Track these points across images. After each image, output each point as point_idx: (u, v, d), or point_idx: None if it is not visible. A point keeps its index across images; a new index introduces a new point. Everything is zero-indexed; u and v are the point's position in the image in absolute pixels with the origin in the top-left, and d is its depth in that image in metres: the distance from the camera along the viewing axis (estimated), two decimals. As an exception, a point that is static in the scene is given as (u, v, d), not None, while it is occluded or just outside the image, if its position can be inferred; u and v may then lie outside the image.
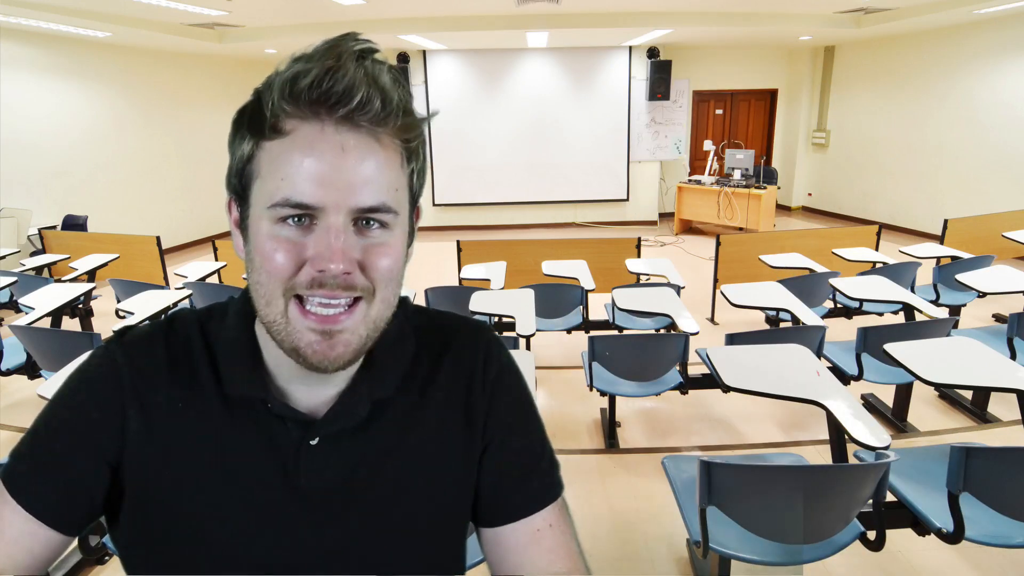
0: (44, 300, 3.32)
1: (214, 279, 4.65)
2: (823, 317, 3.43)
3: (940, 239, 5.14)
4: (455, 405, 0.62)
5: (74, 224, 6.26)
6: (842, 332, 3.60)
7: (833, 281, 3.37)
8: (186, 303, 3.41)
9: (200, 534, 0.55)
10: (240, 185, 0.52)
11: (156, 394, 0.56)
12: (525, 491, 0.63)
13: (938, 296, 3.70)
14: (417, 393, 0.61)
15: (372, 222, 0.50)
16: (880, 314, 3.77)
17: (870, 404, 3.25)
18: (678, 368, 2.73)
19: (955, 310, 3.75)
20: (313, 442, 0.56)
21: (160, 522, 0.55)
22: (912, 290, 3.69)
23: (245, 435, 0.56)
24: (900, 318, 3.47)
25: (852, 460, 1.88)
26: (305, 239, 0.48)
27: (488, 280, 3.79)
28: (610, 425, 3.01)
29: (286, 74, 0.47)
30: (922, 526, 1.67)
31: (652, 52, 8.21)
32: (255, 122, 0.49)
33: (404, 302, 0.66)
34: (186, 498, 0.55)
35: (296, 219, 0.48)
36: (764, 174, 7.72)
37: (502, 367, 0.66)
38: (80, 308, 4.14)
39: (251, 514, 0.55)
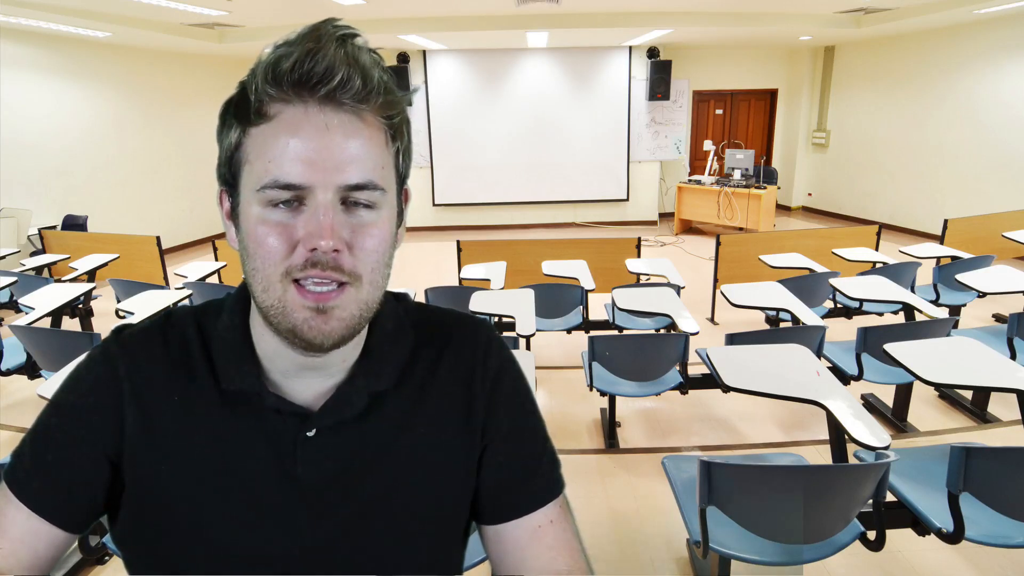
0: (44, 300, 3.32)
1: (214, 279, 4.65)
2: (823, 317, 3.43)
3: (940, 239, 5.14)
4: (455, 401, 0.62)
5: (74, 224, 6.26)
6: (842, 332, 3.60)
7: (833, 281, 3.37)
8: (186, 303, 3.41)
9: (197, 527, 0.55)
10: (230, 174, 0.52)
11: (153, 390, 0.57)
12: (527, 489, 0.63)
13: (938, 296, 3.70)
14: (416, 388, 0.61)
15: (360, 201, 0.50)
16: (880, 314, 3.77)
17: (870, 404, 3.25)
18: (678, 368, 2.73)
19: (955, 310, 3.74)
20: (310, 434, 0.56)
21: (158, 516, 0.55)
22: (912, 290, 3.69)
23: (242, 428, 0.56)
24: (900, 318, 3.47)
25: (852, 460, 1.88)
26: (295, 220, 0.49)
27: (488, 280, 3.79)
28: (610, 425, 3.01)
29: (268, 59, 0.48)
30: (922, 526, 1.67)
31: (652, 52, 8.21)
32: (241, 110, 0.50)
33: (404, 298, 0.66)
34: (184, 492, 0.55)
35: (285, 202, 0.49)
36: (764, 174, 7.72)
37: (503, 364, 0.65)
38: (80, 308, 4.14)
39: (248, 506, 0.55)
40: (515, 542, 0.62)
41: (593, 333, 2.81)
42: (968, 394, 3.23)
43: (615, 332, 3.45)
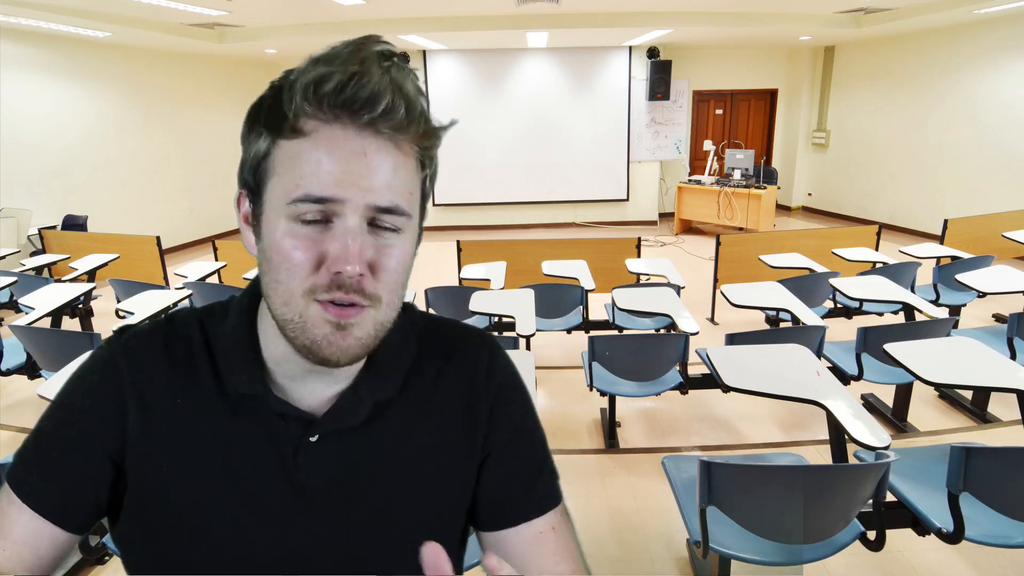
0: (44, 300, 3.32)
1: (214, 279, 4.65)
2: (823, 317, 3.43)
3: (940, 239, 5.14)
4: (457, 411, 0.63)
5: (74, 224, 6.26)
6: (842, 332, 3.60)
7: (833, 281, 3.37)
8: (186, 303, 3.40)
9: (198, 530, 0.55)
10: (254, 181, 0.52)
11: (156, 391, 0.57)
12: (527, 498, 0.64)
13: (938, 296, 3.70)
14: (419, 398, 0.61)
15: (386, 225, 0.50)
16: (880, 314, 3.77)
17: (870, 404, 3.25)
18: (678, 368, 2.73)
19: (955, 310, 3.74)
20: (313, 439, 0.56)
21: (159, 518, 0.56)
22: (912, 290, 3.69)
23: (245, 432, 0.56)
24: (900, 318, 3.47)
25: (852, 460, 1.88)
26: (322, 237, 0.49)
27: (488, 280, 3.79)
28: (610, 425, 3.01)
29: (309, 76, 0.47)
30: (922, 526, 1.67)
31: (652, 52, 8.21)
32: (272, 119, 0.49)
33: (408, 307, 0.66)
34: (185, 494, 0.55)
35: (313, 219, 0.49)
36: (764, 174, 7.72)
37: (505, 375, 0.66)
38: (80, 308, 4.14)
39: (250, 510, 0.56)
40: (516, 547, 0.62)
41: (593, 333, 2.81)
42: (968, 394, 3.23)
43: (615, 332, 3.46)
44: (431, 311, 0.74)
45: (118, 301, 3.53)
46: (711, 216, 7.80)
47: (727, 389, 2.03)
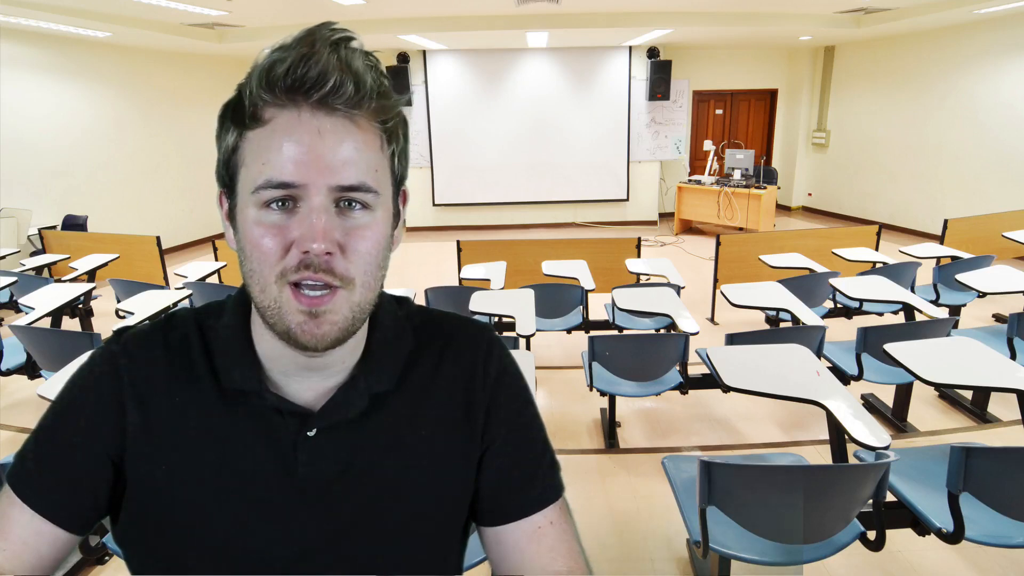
0: (44, 300, 3.32)
1: (214, 279, 4.65)
2: (823, 317, 3.43)
3: (940, 239, 5.14)
4: (455, 404, 0.63)
5: (74, 224, 6.26)
6: (842, 332, 3.60)
7: (833, 281, 3.37)
8: (186, 303, 3.40)
9: (198, 526, 0.55)
10: (227, 176, 0.53)
11: (155, 390, 0.57)
12: (527, 491, 0.63)
13: (938, 296, 3.70)
14: (417, 390, 0.62)
15: (354, 203, 0.51)
16: (880, 314, 3.77)
17: (870, 404, 3.25)
18: (678, 368, 2.73)
19: (955, 310, 3.74)
20: (311, 433, 0.57)
21: (159, 515, 0.56)
22: (912, 290, 3.69)
23: (243, 428, 0.56)
24: (900, 318, 3.47)
25: (852, 460, 1.88)
26: (289, 222, 0.49)
27: (488, 280, 3.79)
28: (610, 425, 3.01)
29: (263, 64, 0.49)
30: (922, 526, 1.67)
31: (652, 52, 8.21)
32: (237, 114, 0.50)
33: (405, 301, 0.66)
34: (184, 491, 0.55)
35: (280, 203, 0.49)
36: (764, 174, 7.72)
37: (503, 368, 0.66)
38: (80, 308, 4.14)
39: (249, 505, 0.56)
40: (515, 543, 0.62)
41: (593, 333, 2.81)
42: (968, 394, 3.23)
43: (615, 332, 3.45)
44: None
45: (118, 301, 3.53)
46: (711, 216, 7.80)
47: (727, 389, 2.03)
